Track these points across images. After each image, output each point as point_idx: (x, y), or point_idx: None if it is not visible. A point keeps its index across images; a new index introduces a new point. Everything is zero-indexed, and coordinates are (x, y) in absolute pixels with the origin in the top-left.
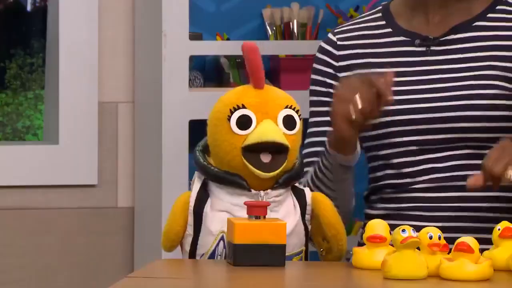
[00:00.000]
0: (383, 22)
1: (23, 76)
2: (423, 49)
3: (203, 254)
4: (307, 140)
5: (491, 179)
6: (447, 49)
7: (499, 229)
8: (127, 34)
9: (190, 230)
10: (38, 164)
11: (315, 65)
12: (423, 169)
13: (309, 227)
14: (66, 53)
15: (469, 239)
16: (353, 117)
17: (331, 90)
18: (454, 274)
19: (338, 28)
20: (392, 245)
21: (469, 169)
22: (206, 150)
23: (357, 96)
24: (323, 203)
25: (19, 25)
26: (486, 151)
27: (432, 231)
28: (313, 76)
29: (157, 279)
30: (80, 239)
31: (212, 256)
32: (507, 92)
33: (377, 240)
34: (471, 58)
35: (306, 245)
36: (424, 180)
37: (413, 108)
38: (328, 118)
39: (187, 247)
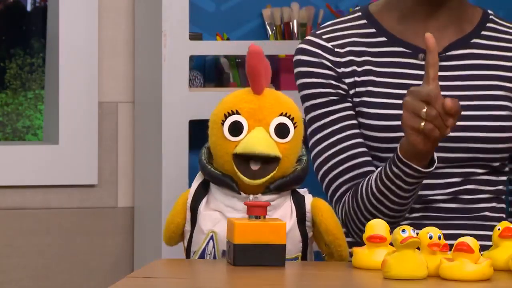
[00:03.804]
0: (373, 30)
1: (23, 76)
2: (424, 63)
3: (195, 251)
4: (316, 150)
5: None
6: (450, 65)
7: (499, 229)
8: (127, 34)
9: (187, 226)
10: (38, 164)
11: (308, 69)
12: (428, 183)
13: (310, 234)
14: (66, 53)
15: (469, 239)
16: (422, 125)
17: (339, 91)
18: (454, 274)
19: (324, 34)
20: (392, 245)
21: (477, 184)
22: None
23: (424, 110)
24: (320, 210)
25: (19, 25)
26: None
27: (432, 231)
28: (308, 80)
29: (157, 279)
30: (80, 239)
31: (202, 254)
32: None
33: (377, 240)
34: (474, 75)
35: (304, 252)
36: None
37: None
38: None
39: (185, 243)
